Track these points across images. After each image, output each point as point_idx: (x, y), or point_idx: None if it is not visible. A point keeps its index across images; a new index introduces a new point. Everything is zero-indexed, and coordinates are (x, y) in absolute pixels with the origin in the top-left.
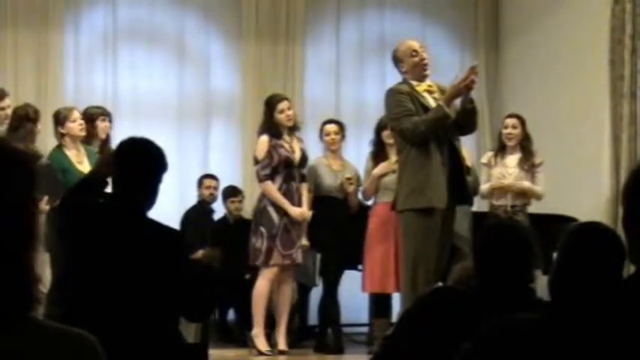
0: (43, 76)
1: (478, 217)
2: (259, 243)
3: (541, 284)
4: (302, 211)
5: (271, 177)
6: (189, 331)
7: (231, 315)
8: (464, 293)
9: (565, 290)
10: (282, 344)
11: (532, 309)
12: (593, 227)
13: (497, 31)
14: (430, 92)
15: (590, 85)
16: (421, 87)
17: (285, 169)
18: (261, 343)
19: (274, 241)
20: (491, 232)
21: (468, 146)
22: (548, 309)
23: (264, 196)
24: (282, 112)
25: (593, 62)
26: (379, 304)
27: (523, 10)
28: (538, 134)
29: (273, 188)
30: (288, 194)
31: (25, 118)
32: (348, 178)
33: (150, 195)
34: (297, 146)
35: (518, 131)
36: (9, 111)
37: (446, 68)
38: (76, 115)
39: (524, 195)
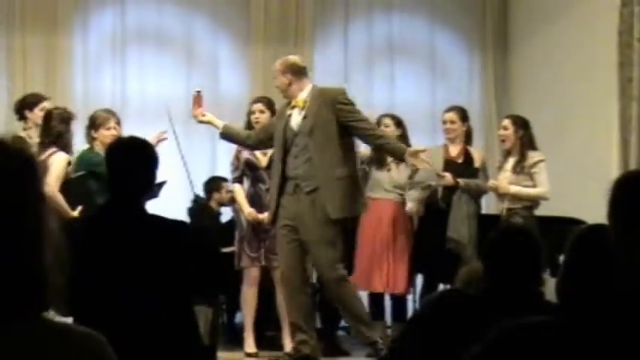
0: (51, 79)
1: (487, 219)
2: (235, 247)
3: (549, 287)
4: (250, 212)
5: (240, 180)
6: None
7: (239, 317)
8: (472, 296)
9: (573, 293)
10: (288, 346)
11: (541, 312)
12: (600, 230)
13: (505, 33)
14: (294, 107)
15: (598, 88)
16: (292, 103)
17: (251, 172)
18: (248, 345)
19: (242, 244)
20: (501, 235)
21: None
22: (557, 312)
23: None
24: (252, 113)
25: (601, 65)
26: (374, 306)
27: (531, 12)
28: (546, 136)
29: (238, 191)
30: (255, 197)
31: (66, 122)
32: None
33: (145, 189)
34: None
35: (509, 133)
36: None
37: (454, 70)
38: (113, 123)
39: (520, 198)
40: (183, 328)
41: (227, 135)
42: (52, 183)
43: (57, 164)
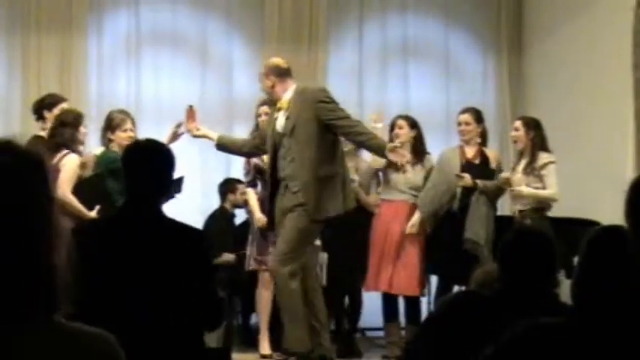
0: (66, 80)
1: (500, 220)
2: (248, 249)
3: (564, 288)
4: (259, 218)
5: (253, 184)
6: (212, 336)
7: (254, 319)
8: (487, 297)
9: (588, 295)
10: None
11: (556, 313)
12: (615, 231)
13: (520, 34)
14: (280, 109)
15: (613, 88)
16: (278, 105)
17: (260, 176)
18: (263, 347)
19: (253, 247)
20: (515, 236)
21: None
22: (571, 313)
23: None
24: (259, 115)
25: (616, 65)
26: (388, 307)
27: (546, 12)
28: (561, 137)
29: (250, 195)
30: (266, 201)
31: (62, 124)
32: None
33: (162, 192)
34: None
35: (520, 134)
36: None
37: (469, 71)
38: (129, 125)
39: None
40: (189, 331)
41: (222, 146)
42: (63, 185)
43: (68, 166)
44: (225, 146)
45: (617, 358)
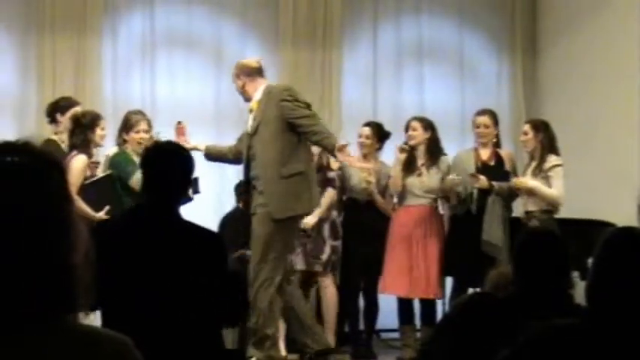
0: (81, 82)
1: (510, 222)
2: None
3: (579, 290)
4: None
5: None
6: (227, 337)
7: None
8: (502, 299)
9: (602, 296)
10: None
11: (570, 315)
12: (630, 232)
13: (534, 36)
14: (251, 110)
15: (628, 89)
16: (250, 105)
17: None
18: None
19: None
20: (527, 237)
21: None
22: (586, 315)
23: None
24: None
25: (631, 66)
26: (403, 310)
27: (560, 14)
28: (574, 139)
29: None
30: None
31: (77, 125)
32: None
33: (180, 193)
34: None
35: (529, 137)
36: None
37: (483, 73)
38: (143, 126)
39: (537, 199)
40: (205, 331)
41: (210, 156)
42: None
43: (75, 166)
44: (212, 156)
45: (631, 359)
